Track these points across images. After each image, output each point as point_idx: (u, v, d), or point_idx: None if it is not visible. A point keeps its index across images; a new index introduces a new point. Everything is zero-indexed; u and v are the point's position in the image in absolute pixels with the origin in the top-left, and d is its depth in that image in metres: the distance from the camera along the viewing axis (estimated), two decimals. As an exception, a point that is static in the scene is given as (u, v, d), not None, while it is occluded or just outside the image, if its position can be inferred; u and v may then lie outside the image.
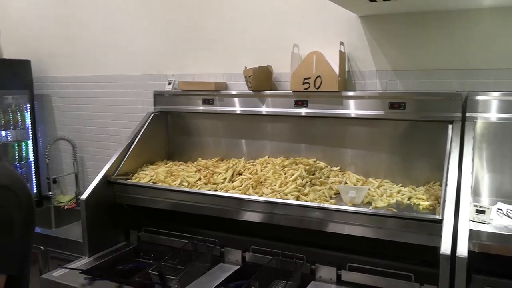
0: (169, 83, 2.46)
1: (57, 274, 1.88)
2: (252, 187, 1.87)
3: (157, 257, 2.14)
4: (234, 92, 2.25)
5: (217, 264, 1.99)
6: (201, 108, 2.31)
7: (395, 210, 1.59)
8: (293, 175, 1.88)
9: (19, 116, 2.93)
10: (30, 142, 3.02)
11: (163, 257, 2.03)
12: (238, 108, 2.24)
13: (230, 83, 2.36)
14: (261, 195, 1.80)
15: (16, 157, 2.98)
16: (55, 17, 2.99)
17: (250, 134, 2.29)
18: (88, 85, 2.89)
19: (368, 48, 2.04)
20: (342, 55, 2.00)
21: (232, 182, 1.96)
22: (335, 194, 1.81)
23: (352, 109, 1.96)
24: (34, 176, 3.05)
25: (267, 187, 1.84)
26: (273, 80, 2.23)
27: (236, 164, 2.13)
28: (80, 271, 1.89)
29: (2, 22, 3.14)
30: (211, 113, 2.32)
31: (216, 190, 1.92)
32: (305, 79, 2.01)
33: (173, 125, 2.47)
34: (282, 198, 1.74)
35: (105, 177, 2.10)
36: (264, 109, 2.17)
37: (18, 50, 3.04)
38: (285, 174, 1.92)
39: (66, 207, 2.90)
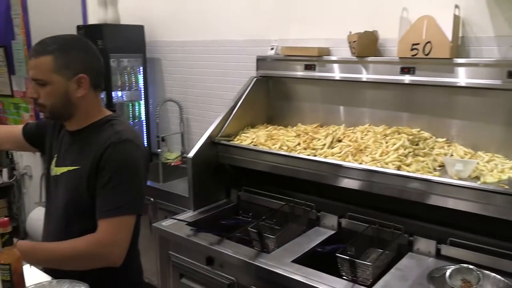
0: (272, 48, 2.49)
1: (166, 224, 2.06)
2: (352, 154, 1.86)
3: (255, 215, 2.25)
4: (336, 58, 2.22)
5: (312, 227, 2.04)
6: (302, 73, 2.32)
7: (506, 187, 1.50)
8: (395, 144, 1.84)
9: (133, 78, 3.17)
10: (142, 102, 3.26)
11: (261, 217, 2.13)
12: (339, 74, 2.21)
13: (333, 48, 2.32)
14: (360, 163, 1.79)
15: (130, 115, 3.25)
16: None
17: (351, 101, 2.25)
18: (194, 49, 3.03)
19: (486, 12, 1.88)
20: (456, 19, 1.87)
21: (331, 148, 1.96)
22: (439, 166, 1.74)
23: (464, 78, 1.84)
24: (145, 134, 3.31)
25: (367, 155, 1.83)
26: (378, 46, 2.16)
27: (335, 130, 2.13)
28: (186, 222, 2.06)
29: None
30: (312, 79, 2.31)
31: (315, 156, 1.94)
32: (413, 45, 1.91)
33: (274, 90, 2.51)
34: (382, 167, 1.72)
35: (209, 137, 2.23)
36: (366, 76, 2.12)
37: (133, 16, 3.26)
38: (386, 143, 1.88)
39: (172, 163, 3.13)
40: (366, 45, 2.09)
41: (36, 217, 3.25)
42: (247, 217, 2.29)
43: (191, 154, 2.17)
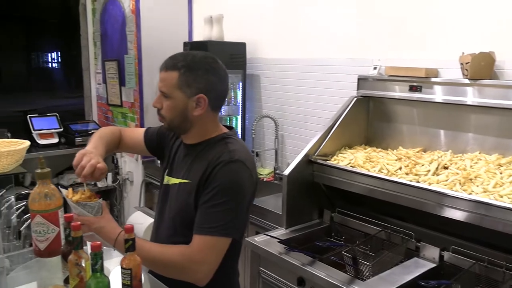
0: (375, 68, 2.42)
1: (258, 239, 2.07)
2: (460, 183, 1.73)
3: (348, 239, 2.18)
4: (445, 80, 2.09)
5: (410, 258, 1.92)
6: (407, 94, 2.22)
7: None
8: (511, 175, 1.68)
9: (232, 93, 3.27)
10: (239, 117, 3.34)
11: (355, 241, 2.05)
12: (447, 97, 2.08)
13: (441, 69, 2.20)
14: (470, 193, 1.66)
15: (227, 129, 3.34)
16: (268, 2, 3.20)
17: (456, 126, 2.11)
18: (293, 66, 3.05)
19: None
20: None
21: (437, 175, 1.84)
22: None
23: None
24: (240, 148, 3.37)
25: (477, 186, 1.69)
26: (494, 68, 2.00)
27: (441, 156, 2.00)
28: (278, 240, 2.05)
29: (225, 8, 3.50)
30: (416, 101, 2.21)
31: (418, 182, 1.83)
32: (537, 68, 1.75)
33: (374, 111, 2.43)
34: (496, 199, 1.57)
35: (306, 156, 2.21)
36: (478, 100, 1.97)
37: (236, 33, 3.37)
38: (501, 173, 1.72)
39: (265, 179, 3.15)
40: (481, 67, 1.95)
41: (134, 220, 3.44)
42: (340, 240, 2.23)
43: (287, 171, 2.16)
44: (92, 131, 4.19)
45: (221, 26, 3.34)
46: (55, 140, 4.00)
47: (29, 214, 2.03)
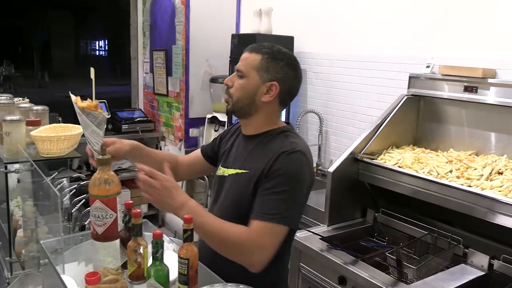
0: (428, 66, 2.35)
1: (300, 235, 2.06)
2: (516, 190, 1.66)
3: (392, 240, 2.13)
4: (503, 81, 2.01)
5: (457, 264, 1.86)
6: (461, 95, 2.14)
7: None
8: None
9: (278, 87, 3.25)
10: (283, 111, 3.32)
11: (398, 243, 2.01)
12: (504, 99, 1.99)
13: (499, 70, 2.11)
14: (526, 201, 1.59)
15: (271, 123, 3.33)
16: (318, -4, 3.17)
17: (512, 130, 2.02)
18: (341, 62, 3.00)
19: None
20: None
21: (490, 180, 1.78)
22: None
23: None
24: (282, 142, 3.36)
25: (535, 194, 1.61)
26: (558, 70, 1.90)
27: (495, 161, 1.92)
28: (320, 237, 2.03)
29: (273, 0, 3.49)
30: (470, 102, 2.13)
31: (469, 186, 1.77)
32: None
33: (425, 111, 2.36)
34: (555, 209, 1.50)
35: (352, 153, 2.18)
36: (540, 104, 1.88)
37: (284, 27, 3.35)
38: (561, 182, 1.64)
39: (306, 175, 3.13)
40: (544, 70, 1.86)
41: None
42: (383, 241, 2.19)
43: (332, 168, 2.14)
44: (138, 119, 4.30)
45: (270, 19, 3.33)
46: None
47: (80, 197, 2.10)
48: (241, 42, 3.24)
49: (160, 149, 4.29)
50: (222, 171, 1.54)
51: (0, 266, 1.72)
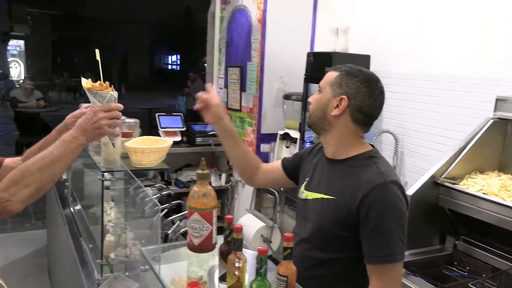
0: (517, 89, 2.24)
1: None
2: None
3: (473, 271, 2.04)
4: None
5: (548, 301, 1.74)
6: (555, 121, 2.02)
7: None
8: None
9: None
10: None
11: (480, 274, 1.92)
12: None
13: None
14: None
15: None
16: (395, 14, 3.12)
17: None
18: (419, 82, 2.93)
19: None
20: None
21: None
22: None
23: None
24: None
25: None
26: None
27: None
28: (397, 261, 1.98)
29: (349, 19, 3.49)
30: None
31: None
32: None
33: (512, 135, 2.25)
34: None
35: (432, 177, 2.11)
36: None
37: (361, 45, 3.33)
38: None
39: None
40: None
41: (244, 222, 3.56)
42: (463, 271, 2.09)
43: (410, 191, 2.09)
44: (211, 133, 4.43)
45: (347, 37, 3.33)
46: (178, 138, 4.30)
47: (161, 206, 2.21)
48: (317, 60, 3.27)
49: (231, 164, 4.39)
50: (305, 194, 1.54)
51: (91, 268, 1.84)
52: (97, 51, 1.52)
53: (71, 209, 2.58)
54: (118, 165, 1.74)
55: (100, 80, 1.43)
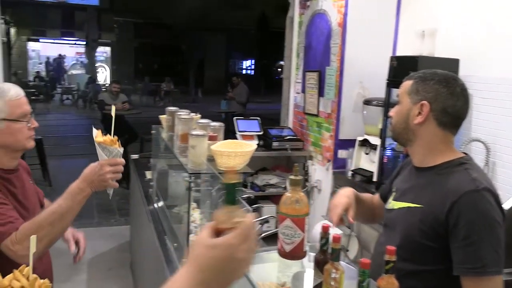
0: None
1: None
2: None
3: None
4: None
5: None
6: None
7: None
8: None
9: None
10: (443, 138, 3.13)
11: None
12: None
13: None
14: None
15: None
16: (486, 16, 2.93)
17: None
18: (515, 88, 2.73)
19: None
20: None
21: None
22: None
23: None
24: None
25: None
26: None
27: None
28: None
29: (434, 21, 3.33)
30: None
31: None
32: None
33: None
34: None
35: (533, 191, 1.95)
36: None
37: (448, 48, 3.16)
38: None
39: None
40: None
41: (320, 228, 3.51)
42: None
43: (507, 204, 1.94)
44: (287, 137, 4.43)
45: (434, 40, 3.18)
46: (255, 142, 4.34)
47: (245, 208, 2.23)
48: (401, 65, 3.15)
49: (307, 168, 4.36)
50: (392, 204, 1.50)
51: (176, 267, 1.90)
52: (113, 107, 1.66)
53: (155, 208, 2.69)
54: (205, 168, 1.78)
55: (110, 135, 1.53)
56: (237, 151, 1.70)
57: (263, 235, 1.97)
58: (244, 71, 31.70)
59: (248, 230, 0.73)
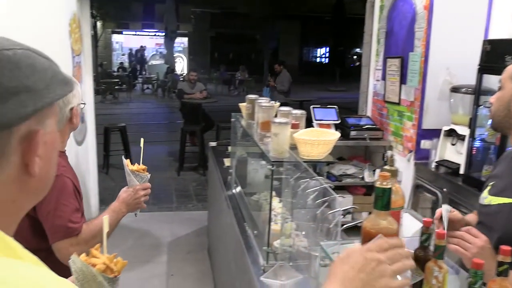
0: None
1: None
2: None
3: None
4: None
5: None
6: None
7: None
8: None
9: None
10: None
11: None
12: None
13: None
14: None
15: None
16: None
17: None
18: None
19: None
20: None
21: None
22: None
23: None
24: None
25: None
26: None
27: None
28: None
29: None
30: None
31: None
32: None
33: None
34: None
35: None
36: None
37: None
38: None
39: None
40: None
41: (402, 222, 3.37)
42: None
43: None
44: (366, 126, 4.30)
45: (534, 22, 2.90)
46: (332, 131, 4.25)
47: (324, 199, 2.19)
48: (495, 49, 2.90)
49: (387, 159, 4.19)
50: (489, 199, 1.38)
51: (256, 254, 1.91)
52: (142, 140, 1.82)
53: (234, 194, 2.72)
54: (287, 156, 1.76)
55: (140, 164, 1.75)
56: (320, 140, 1.66)
57: (344, 226, 1.92)
58: (318, 59, 31.33)
59: (391, 246, 0.78)
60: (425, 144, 3.72)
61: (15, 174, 0.60)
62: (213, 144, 4.34)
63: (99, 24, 23.30)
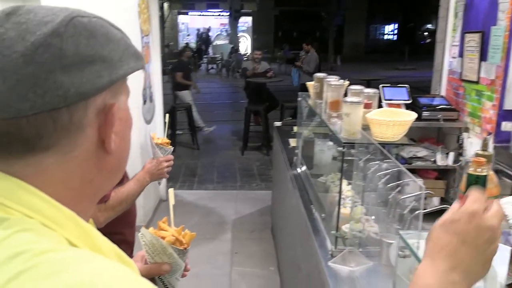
0: None
1: None
2: None
3: None
4: None
5: None
6: None
7: None
8: None
9: None
10: None
11: None
12: None
13: None
14: None
15: None
16: None
17: None
18: None
19: None
20: None
21: None
22: None
23: None
24: None
25: None
26: None
27: None
28: None
29: None
30: None
31: None
32: None
33: None
34: None
35: None
36: None
37: None
38: None
39: None
40: None
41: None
42: None
43: None
44: (439, 106, 4.06)
45: None
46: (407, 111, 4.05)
47: (397, 182, 2.08)
48: None
49: (462, 141, 3.94)
50: None
51: (323, 237, 1.85)
52: (167, 115, 2.02)
53: (300, 175, 2.67)
54: (359, 137, 1.67)
55: (165, 137, 1.87)
56: (396, 120, 1.55)
57: (425, 211, 1.81)
58: (385, 37, 30.07)
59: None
60: (506, 126, 3.44)
61: (93, 149, 0.58)
62: (278, 124, 4.29)
63: (165, 5, 23.77)
